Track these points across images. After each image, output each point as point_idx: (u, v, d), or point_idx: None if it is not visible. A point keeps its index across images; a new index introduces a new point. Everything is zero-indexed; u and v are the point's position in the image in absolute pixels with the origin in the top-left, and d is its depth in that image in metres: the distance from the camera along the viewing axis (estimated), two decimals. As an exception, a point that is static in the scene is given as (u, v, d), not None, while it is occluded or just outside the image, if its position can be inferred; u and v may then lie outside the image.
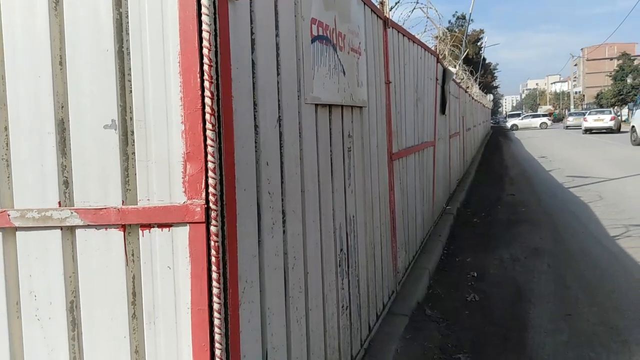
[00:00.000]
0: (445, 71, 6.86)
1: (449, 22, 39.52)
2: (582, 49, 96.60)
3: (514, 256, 5.08)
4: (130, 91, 1.44)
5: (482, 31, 43.32)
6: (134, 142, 1.44)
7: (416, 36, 4.98)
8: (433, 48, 6.28)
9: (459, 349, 3.04)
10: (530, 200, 8.37)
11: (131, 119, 1.44)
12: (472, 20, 36.40)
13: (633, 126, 18.86)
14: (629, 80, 49.84)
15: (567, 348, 3.01)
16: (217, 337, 1.39)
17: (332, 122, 2.39)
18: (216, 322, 1.39)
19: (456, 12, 50.07)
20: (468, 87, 14.39)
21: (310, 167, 2.10)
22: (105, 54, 1.44)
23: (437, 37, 7.69)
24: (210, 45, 1.37)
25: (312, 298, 2.09)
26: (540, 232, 6.04)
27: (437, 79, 6.11)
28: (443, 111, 6.84)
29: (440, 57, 6.73)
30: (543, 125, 42.68)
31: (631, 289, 3.88)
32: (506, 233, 6.10)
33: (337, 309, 2.42)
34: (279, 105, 1.80)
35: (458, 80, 11.13)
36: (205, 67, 1.37)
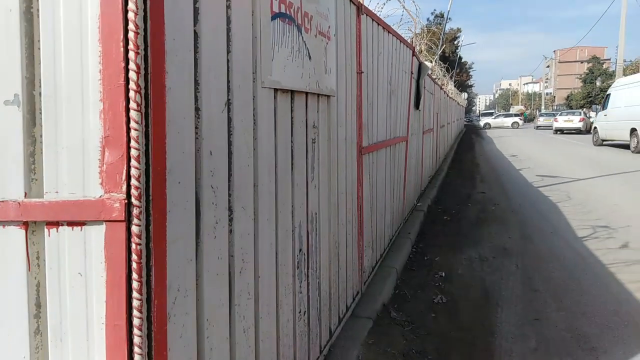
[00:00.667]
0: (420, 65, 6.72)
1: (427, 19, 39.67)
2: (554, 51, 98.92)
3: (482, 256, 4.99)
4: (40, 61, 1.19)
5: (459, 30, 43.72)
6: (41, 122, 1.19)
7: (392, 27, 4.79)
8: (409, 41, 6.11)
9: (423, 355, 2.89)
10: (501, 199, 8.36)
11: (39, 94, 1.20)
12: (450, 19, 36.60)
13: (595, 127, 19.42)
14: (598, 83, 51.27)
15: (534, 356, 2.89)
16: (137, 357, 1.17)
17: (295, 110, 2.17)
18: (136, 340, 1.17)
19: (434, 10, 50.33)
20: (444, 84, 14.39)
21: (266, 158, 1.88)
22: (8, 15, 1.18)
23: (414, 33, 7.53)
24: (137, 9, 1.14)
25: (264, 305, 1.88)
26: (510, 232, 5.99)
27: (412, 73, 5.95)
28: (417, 106, 6.70)
29: (416, 50, 6.58)
30: (515, 125, 43.58)
31: (599, 294, 3.82)
32: (476, 232, 6.03)
33: (293, 315, 2.22)
34: (228, 86, 1.57)
35: (434, 77, 11.06)
36: (131, 35, 1.14)
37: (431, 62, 9.42)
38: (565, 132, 28.39)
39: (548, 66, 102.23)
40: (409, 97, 5.89)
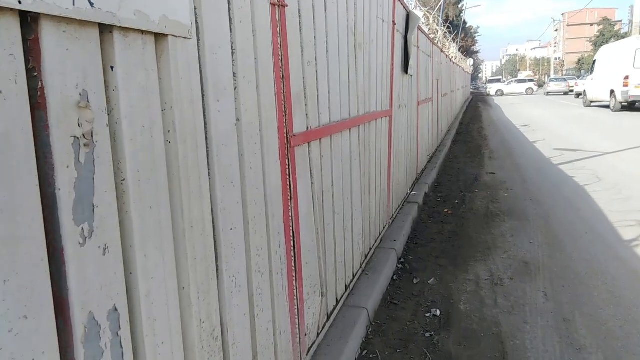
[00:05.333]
0: (409, 16, 5.16)
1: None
2: (563, 14, 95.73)
3: (495, 276, 3.57)
4: None
5: (463, -9, 41.29)
6: None
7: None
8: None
9: None
10: (515, 182, 6.88)
11: None
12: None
13: (584, 90, 21.36)
14: (610, 46, 48.89)
15: None
16: None
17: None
18: None
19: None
20: (445, 46, 12.72)
21: None
22: None
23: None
24: None
25: None
26: (530, 232, 4.54)
27: (394, 23, 4.40)
28: (406, 70, 5.17)
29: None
30: (529, 91, 42.41)
31: (686, 358, 2.39)
32: (485, 233, 4.59)
33: None
34: None
35: (432, 37, 9.45)
36: None
37: (428, 17, 7.83)
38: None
39: (556, 30, 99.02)
40: (392, 57, 4.36)
